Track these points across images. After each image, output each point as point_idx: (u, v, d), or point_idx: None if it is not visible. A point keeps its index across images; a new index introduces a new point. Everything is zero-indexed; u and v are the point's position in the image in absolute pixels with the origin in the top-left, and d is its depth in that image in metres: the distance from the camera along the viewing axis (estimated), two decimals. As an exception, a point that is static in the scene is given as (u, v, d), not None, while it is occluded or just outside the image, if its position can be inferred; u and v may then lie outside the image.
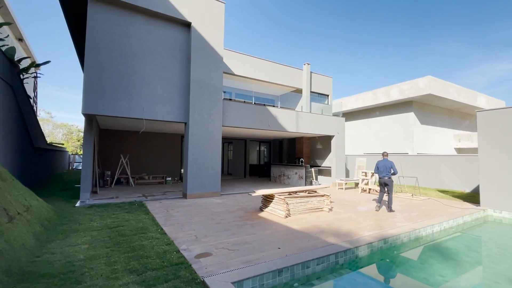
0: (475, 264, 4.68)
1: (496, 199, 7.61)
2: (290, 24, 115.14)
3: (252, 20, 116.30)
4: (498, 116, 7.77)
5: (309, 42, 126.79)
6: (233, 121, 9.84)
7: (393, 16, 79.26)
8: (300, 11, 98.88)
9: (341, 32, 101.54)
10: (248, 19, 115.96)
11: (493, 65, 71.85)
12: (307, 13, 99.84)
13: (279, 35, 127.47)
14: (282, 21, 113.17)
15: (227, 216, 6.15)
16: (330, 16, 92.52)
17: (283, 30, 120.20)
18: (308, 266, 3.60)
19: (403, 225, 5.58)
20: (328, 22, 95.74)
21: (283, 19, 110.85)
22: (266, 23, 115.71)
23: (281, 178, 14.03)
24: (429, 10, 71.36)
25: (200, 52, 8.87)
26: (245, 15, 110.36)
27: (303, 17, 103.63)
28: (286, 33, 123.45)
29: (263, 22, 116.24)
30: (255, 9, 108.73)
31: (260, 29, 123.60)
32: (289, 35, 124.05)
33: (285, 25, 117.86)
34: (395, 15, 77.91)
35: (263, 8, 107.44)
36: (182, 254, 3.74)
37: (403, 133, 17.01)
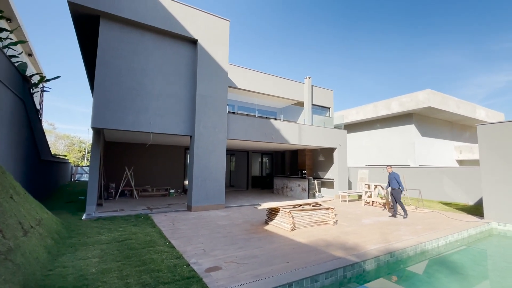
0: (481, 279, 4.69)
1: (500, 212, 7.64)
2: (292, 39, 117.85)
3: (255, 35, 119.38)
4: (499, 129, 7.93)
5: (311, 56, 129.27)
6: (237, 134, 10.01)
7: (392, 29, 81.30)
8: (302, 26, 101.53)
9: (342, 46, 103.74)
10: (251, 34, 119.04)
11: (490, 77, 73.02)
12: (309, 28, 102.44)
13: (281, 50, 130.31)
14: (284, 35, 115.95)
15: (233, 229, 6.19)
16: (331, 31, 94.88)
17: (285, 45, 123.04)
18: (317, 280, 3.64)
19: (408, 239, 5.61)
20: (329, 37, 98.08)
21: (285, 34, 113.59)
22: (269, 36, 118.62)
23: (284, 190, 14.04)
24: (427, 23, 73.28)
25: (206, 68, 9.16)
26: (249, 31, 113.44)
27: (305, 32, 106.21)
28: (288, 48, 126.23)
29: (266, 35, 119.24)
30: (259, 24, 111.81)
31: (263, 43, 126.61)
32: (291, 49, 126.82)
33: (287, 40, 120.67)
34: (394, 29, 79.96)
35: (267, 22, 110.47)
36: (193, 268, 3.79)
37: (405, 145, 17.14)
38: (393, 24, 77.36)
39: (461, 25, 69.99)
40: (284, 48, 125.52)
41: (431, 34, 78.67)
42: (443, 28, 73.27)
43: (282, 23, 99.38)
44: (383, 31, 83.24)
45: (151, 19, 8.18)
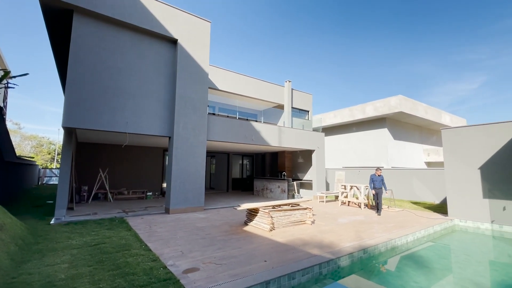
0: (445, 271, 5.05)
1: (461, 210, 8.28)
2: (273, 41, 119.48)
3: (237, 37, 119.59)
4: (460, 133, 8.61)
5: (291, 59, 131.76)
6: (217, 136, 9.97)
7: (369, 37, 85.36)
8: (282, 29, 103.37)
9: (322, 51, 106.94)
10: (233, 36, 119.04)
11: (455, 86, 78.96)
12: (289, 31, 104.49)
13: (262, 53, 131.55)
14: (265, 39, 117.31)
15: (212, 231, 6.15)
16: (312, 35, 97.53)
17: (266, 48, 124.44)
18: (294, 277, 3.74)
19: (380, 236, 5.91)
20: (309, 41, 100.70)
21: (266, 37, 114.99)
22: (250, 39, 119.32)
23: (264, 192, 14.16)
24: (398, 33, 77.82)
25: (186, 68, 9.07)
26: (230, 33, 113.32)
27: (285, 35, 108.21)
28: (269, 51, 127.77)
29: (248, 38, 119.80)
30: (240, 26, 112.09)
31: (243, 45, 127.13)
32: (272, 52, 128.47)
33: (268, 44, 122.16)
34: (371, 37, 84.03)
35: (248, 26, 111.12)
36: (169, 270, 3.73)
37: (378, 148, 18.00)
38: (370, 32, 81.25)
39: (430, 36, 75.27)
40: (265, 51, 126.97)
41: (403, 43, 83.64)
42: (414, 38, 78.23)
43: (264, 26, 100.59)
44: (361, 38, 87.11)
45: (129, 17, 7.97)
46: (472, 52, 71.46)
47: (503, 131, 7.61)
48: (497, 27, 64.74)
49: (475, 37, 69.46)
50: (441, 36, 73.53)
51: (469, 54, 72.75)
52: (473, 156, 8.16)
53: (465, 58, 74.65)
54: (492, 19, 62.92)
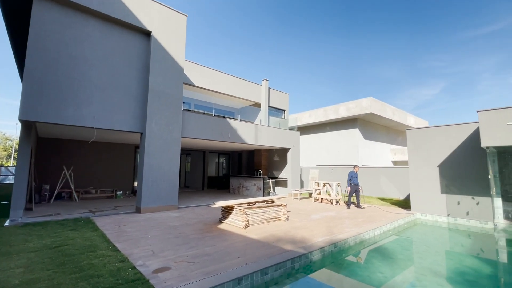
0: (407, 261, 5.42)
1: (422, 205, 8.93)
2: (249, 41, 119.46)
3: (216, 33, 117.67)
4: (421, 134, 9.27)
5: (267, 59, 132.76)
6: (192, 133, 9.75)
7: (344, 42, 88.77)
8: (261, 30, 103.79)
9: (299, 51, 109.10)
10: (209, 32, 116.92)
11: (419, 91, 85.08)
12: (268, 29, 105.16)
13: (239, 51, 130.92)
14: (242, 37, 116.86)
15: (185, 230, 6.02)
16: (289, 36, 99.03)
17: (244, 45, 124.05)
18: (266, 272, 3.78)
19: (350, 230, 6.19)
20: (287, 40, 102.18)
21: (244, 36, 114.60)
22: (227, 37, 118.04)
23: (240, 190, 14.14)
24: (371, 40, 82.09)
25: (160, 62, 8.74)
26: (206, 29, 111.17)
27: (264, 32, 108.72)
28: (246, 49, 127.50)
29: (225, 35, 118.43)
30: (220, 21, 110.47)
31: (222, 41, 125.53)
32: (250, 50, 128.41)
33: (245, 42, 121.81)
34: (346, 41, 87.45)
35: (226, 23, 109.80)
36: (139, 270, 3.58)
37: (350, 147, 18.80)
38: (344, 38, 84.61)
39: (399, 44, 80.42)
40: (243, 49, 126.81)
41: (374, 49, 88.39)
42: (384, 45, 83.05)
43: (243, 22, 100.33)
44: (337, 42, 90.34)
45: (98, 4, 7.48)
46: (434, 60, 77.58)
47: (459, 132, 8.32)
48: (456, 37, 70.79)
49: (437, 46, 75.50)
50: (409, 45, 78.93)
51: (432, 62, 78.94)
52: (433, 155, 8.83)
53: (429, 65, 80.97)
54: (453, 30, 68.70)
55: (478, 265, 5.23)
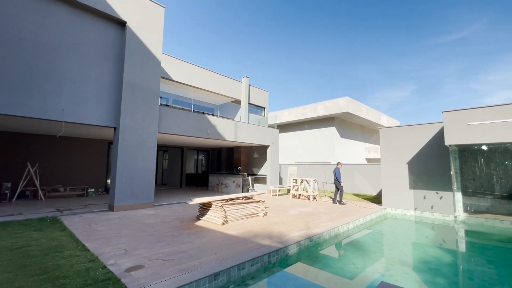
0: (377, 253, 5.72)
1: (392, 199, 9.44)
2: (230, 37, 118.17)
3: (193, 27, 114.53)
4: (392, 132, 9.77)
5: (248, 55, 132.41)
6: (170, 128, 9.50)
7: (318, 41, 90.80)
8: (241, 26, 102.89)
9: (279, 49, 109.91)
10: (190, 26, 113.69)
11: (392, 92, 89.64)
12: (249, 25, 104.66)
13: (219, 46, 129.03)
14: (223, 33, 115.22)
15: (161, 227, 5.87)
16: (270, 32, 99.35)
17: (223, 41, 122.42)
18: (243, 267, 3.80)
19: (325, 225, 6.39)
20: (267, 36, 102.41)
21: (224, 31, 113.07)
22: (208, 32, 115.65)
23: (219, 187, 14.04)
24: (345, 42, 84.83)
25: (136, 54, 8.39)
26: (186, 22, 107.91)
27: (244, 29, 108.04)
28: (226, 45, 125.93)
29: (204, 30, 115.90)
30: (197, 16, 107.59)
31: (200, 37, 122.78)
32: (230, 46, 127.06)
33: (226, 37, 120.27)
34: (325, 40, 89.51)
35: (206, 18, 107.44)
36: (110, 270, 3.44)
37: (327, 145, 19.36)
38: (323, 38, 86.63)
39: (373, 47, 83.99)
40: (223, 44, 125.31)
41: (351, 51, 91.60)
42: (360, 47, 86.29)
43: (224, 17, 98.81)
44: (314, 42, 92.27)
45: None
46: (406, 64, 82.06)
47: (426, 131, 8.88)
48: (425, 43, 75.28)
49: (408, 51, 79.86)
50: (383, 49, 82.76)
51: (403, 66, 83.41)
52: (403, 152, 9.35)
53: (401, 69, 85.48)
54: (422, 36, 72.92)
55: (440, 254, 5.65)
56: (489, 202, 8.45)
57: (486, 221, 7.67)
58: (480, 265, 4.97)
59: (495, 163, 8.46)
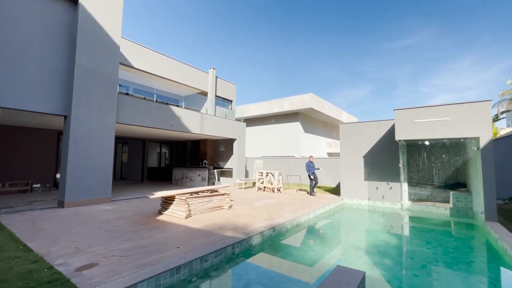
0: (335, 239, 6.13)
1: (349, 190, 10.15)
2: (197, 26, 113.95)
3: (158, 12, 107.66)
4: (351, 128, 10.45)
5: (215, 46, 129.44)
6: (130, 119, 8.91)
7: (285, 38, 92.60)
8: (210, 16, 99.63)
9: (247, 44, 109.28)
10: (154, 11, 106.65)
11: (351, 91, 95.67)
12: (217, 20, 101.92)
13: (186, 35, 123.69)
14: (190, 21, 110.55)
15: (119, 223, 5.54)
16: (237, 28, 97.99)
17: (191, 30, 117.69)
18: (206, 259, 3.78)
19: (288, 215, 6.64)
20: (234, 30, 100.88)
21: (191, 18, 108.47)
22: (173, 18, 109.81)
23: (183, 181, 13.67)
24: (312, 39, 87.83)
25: (90, 36, 7.64)
26: (150, 7, 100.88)
27: (212, 24, 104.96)
28: (193, 34, 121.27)
29: (170, 17, 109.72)
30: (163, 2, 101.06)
31: (166, 23, 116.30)
32: (197, 36, 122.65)
33: (192, 26, 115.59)
34: (287, 39, 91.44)
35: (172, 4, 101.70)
36: (57, 270, 3.16)
37: (292, 139, 19.99)
38: (289, 35, 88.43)
39: (336, 47, 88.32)
40: (189, 34, 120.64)
41: (315, 49, 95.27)
42: (324, 47, 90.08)
43: (194, 5, 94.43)
44: (281, 38, 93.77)
45: (2, -46, 6.05)
46: (365, 65, 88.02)
47: (380, 127, 9.66)
48: (382, 47, 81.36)
49: (368, 53, 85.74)
50: (345, 50, 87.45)
51: (363, 67, 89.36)
52: (360, 147, 10.07)
53: (360, 70, 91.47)
54: (380, 40, 78.64)
55: (388, 239, 6.26)
56: (428, 191, 9.58)
57: (425, 208, 8.69)
58: (420, 246, 5.64)
59: (434, 157, 9.58)
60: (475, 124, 6.93)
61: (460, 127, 7.11)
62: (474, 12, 65.62)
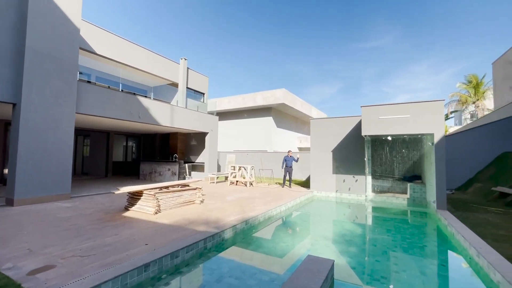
0: (304, 230, 6.34)
1: (318, 183, 10.56)
2: (170, 15, 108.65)
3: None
4: (321, 123, 10.82)
5: (186, 38, 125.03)
6: (92, 109, 8.25)
7: (259, 32, 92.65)
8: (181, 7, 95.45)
9: (220, 37, 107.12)
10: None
11: (322, 89, 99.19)
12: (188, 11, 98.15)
13: (155, 25, 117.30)
14: (160, 11, 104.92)
15: (80, 221, 5.14)
16: (210, 20, 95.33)
17: (162, 19, 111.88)
18: (177, 255, 3.67)
19: (260, 208, 6.71)
20: (207, 21, 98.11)
21: (160, 8, 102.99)
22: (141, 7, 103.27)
23: (152, 176, 13.10)
24: (285, 36, 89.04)
25: (45, 16, 6.86)
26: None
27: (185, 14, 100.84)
28: (165, 24, 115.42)
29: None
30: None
31: (133, 10, 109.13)
32: (168, 25, 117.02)
33: (164, 16, 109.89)
34: (261, 33, 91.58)
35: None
36: (5, 275, 2.84)
37: (264, 134, 20.17)
38: (265, 29, 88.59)
39: (308, 46, 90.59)
40: (160, 23, 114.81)
41: (289, 46, 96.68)
42: (297, 44, 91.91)
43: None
44: (255, 32, 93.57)
45: None
46: (334, 64, 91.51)
47: (348, 123, 10.13)
48: (350, 47, 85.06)
49: (337, 53, 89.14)
50: (316, 48, 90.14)
51: (332, 65, 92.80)
52: (329, 141, 10.49)
53: (330, 68, 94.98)
54: (348, 40, 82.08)
55: (353, 228, 6.64)
56: (390, 183, 10.33)
57: (387, 199, 9.37)
58: (382, 234, 6.07)
59: (395, 151, 10.33)
60: (430, 121, 7.58)
61: (418, 124, 7.73)
62: (432, 20, 71.48)
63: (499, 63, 15.75)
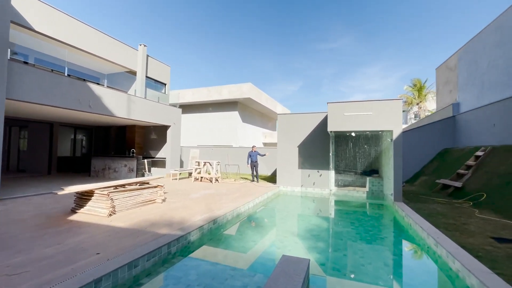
0: (273, 226, 6.25)
1: (285, 178, 10.64)
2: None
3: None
4: (289, 119, 10.87)
5: (146, 23, 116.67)
6: (29, 95, 7.02)
7: (226, 25, 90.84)
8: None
9: (181, 26, 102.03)
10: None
11: (285, 86, 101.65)
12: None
13: (114, 8, 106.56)
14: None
15: (11, 228, 4.28)
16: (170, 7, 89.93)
17: (120, 4, 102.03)
18: (136, 265, 3.23)
19: (228, 205, 6.43)
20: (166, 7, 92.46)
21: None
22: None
23: (105, 172, 11.86)
24: (251, 33, 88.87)
25: (-41, -25, 5.53)
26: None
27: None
28: (122, 8, 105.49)
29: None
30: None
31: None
32: (125, 11, 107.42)
33: (122, 2, 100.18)
34: (228, 26, 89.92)
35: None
36: None
37: (230, 129, 19.78)
38: (231, 23, 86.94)
39: (273, 43, 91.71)
40: (117, 8, 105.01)
41: (253, 41, 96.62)
42: (266, 40, 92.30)
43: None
44: (221, 24, 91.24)
45: None
46: (297, 62, 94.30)
47: (314, 119, 10.33)
48: (311, 47, 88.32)
49: (301, 52, 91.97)
50: (281, 46, 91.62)
51: (294, 64, 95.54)
52: (295, 137, 10.59)
53: (293, 66, 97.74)
54: (309, 40, 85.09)
55: (319, 222, 6.76)
56: (351, 177, 10.87)
57: (348, 192, 9.82)
58: (346, 226, 6.27)
59: (358, 147, 10.87)
60: (390, 118, 8.06)
61: (380, 121, 8.17)
62: (384, 27, 77.60)
63: (441, 69, 17.62)
